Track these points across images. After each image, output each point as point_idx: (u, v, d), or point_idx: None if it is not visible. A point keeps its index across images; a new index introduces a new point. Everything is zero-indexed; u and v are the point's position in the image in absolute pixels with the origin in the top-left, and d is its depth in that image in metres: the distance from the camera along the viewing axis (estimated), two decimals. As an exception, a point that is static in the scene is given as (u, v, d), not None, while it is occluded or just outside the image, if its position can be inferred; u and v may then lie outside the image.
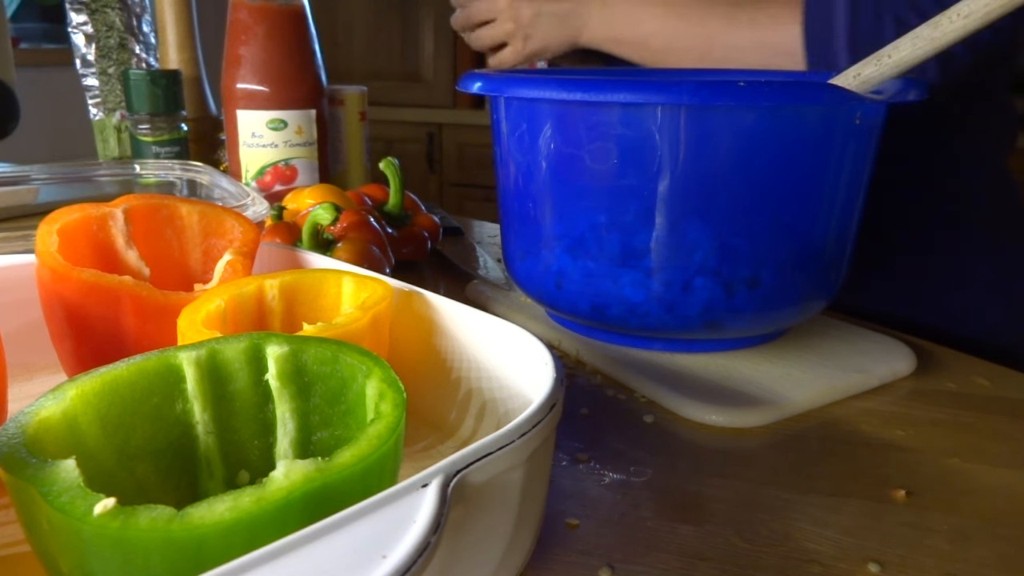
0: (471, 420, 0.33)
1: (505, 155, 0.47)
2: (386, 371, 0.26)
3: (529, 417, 0.23)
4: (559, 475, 0.34)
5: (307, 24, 0.73)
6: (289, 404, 0.27)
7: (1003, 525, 0.31)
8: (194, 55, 0.91)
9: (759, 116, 0.39)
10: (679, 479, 0.34)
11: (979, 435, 0.39)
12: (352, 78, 2.36)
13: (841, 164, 0.42)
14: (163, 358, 0.26)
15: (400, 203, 0.65)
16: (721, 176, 0.40)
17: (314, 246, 0.52)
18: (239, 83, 0.72)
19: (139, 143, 0.80)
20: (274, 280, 0.34)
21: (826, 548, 0.30)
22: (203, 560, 0.19)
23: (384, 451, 0.22)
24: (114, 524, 0.19)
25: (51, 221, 0.35)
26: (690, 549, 0.30)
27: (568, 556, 0.29)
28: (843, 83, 0.39)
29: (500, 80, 0.45)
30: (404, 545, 0.18)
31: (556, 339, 0.50)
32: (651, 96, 0.39)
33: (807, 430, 0.39)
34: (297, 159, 0.73)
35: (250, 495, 0.20)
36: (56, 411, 0.23)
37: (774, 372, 0.44)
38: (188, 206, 0.39)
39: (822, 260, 0.44)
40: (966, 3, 0.34)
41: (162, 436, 0.26)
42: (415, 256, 0.65)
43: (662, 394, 0.41)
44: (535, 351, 0.29)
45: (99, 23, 0.91)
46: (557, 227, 0.45)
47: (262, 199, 0.46)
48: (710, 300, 0.43)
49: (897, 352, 0.46)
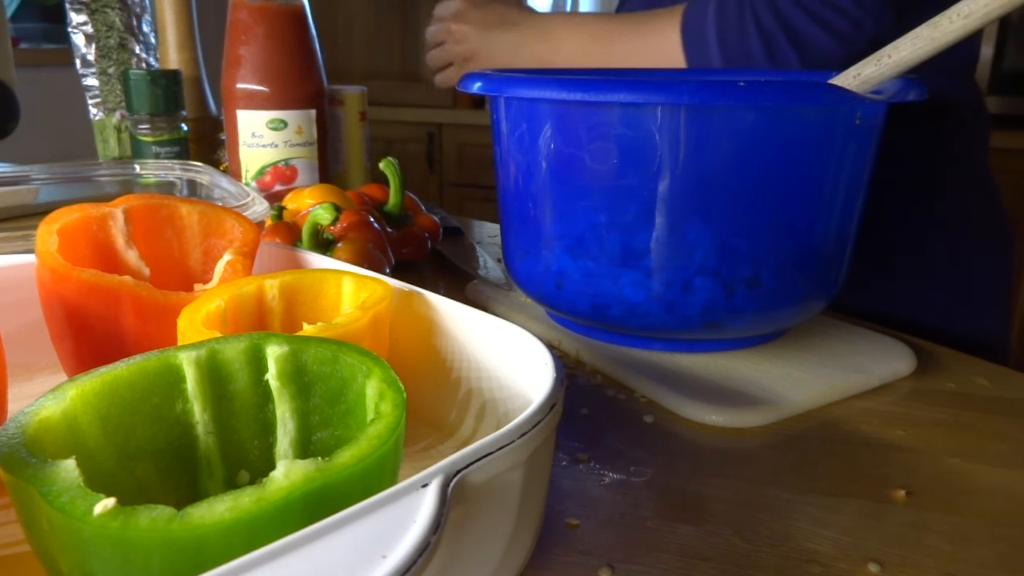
0: (471, 420, 0.33)
1: (505, 155, 0.47)
2: (386, 371, 0.26)
3: (529, 417, 0.23)
4: (559, 475, 0.34)
5: (307, 24, 0.73)
6: (289, 404, 0.27)
7: (1003, 525, 0.31)
8: (194, 55, 0.91)
9: (759, 116, 0.39)
10: (679, 479, 0.34)
11: (979, 435, 0.39)
12: (352, 78, 2.36)
13: (841, 164, 0.42)
14: (163, 358, 0.26)
15: (400, 203, 0.65)
16: (721, 176, 0.40)
17: (314, 246, 0.52)
18: (239, 83, 0.72)
19: (139, 143, 0.80)
20: (274, 280, 0.34)
21: (826, 548, 0.30)
22: (203, 560, 0.19)
23: (384, 451, 0.22)
24: (114, 524, 0.19)
25: (51, 221, 0.35)
26: (690, 549, 0.30)
27: (568, 556, 0.29)
28: (843, 83, 0.39)
29: (500, 80, 0.45)
30: (404, 545, 0.18)
31: (556, 339, 0.49)
32: (651, 96, 0.39)
33: (807, 430, 0.39)
34: (297, 159, 0.73)
35: (250, 495, 0.20)
36: (56, 411, 0.23)
37: (774, 372, 0.44)
38: (188, 206, 0.39)
39: (822, 260, 0.44)
40: (966, 3, 0.34)
41: (162, 436, 0.26)
42: (415, 256, 0.65)
43: (662, 394, 0.41)
44: (535, 351, 0.29)
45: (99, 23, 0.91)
46: (557, 227, 0.45)
47: (262, 199, 0.46)
48: (710, 300, 0.43)
49: (897, 352, 0.46)
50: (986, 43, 1.84)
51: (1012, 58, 1.86)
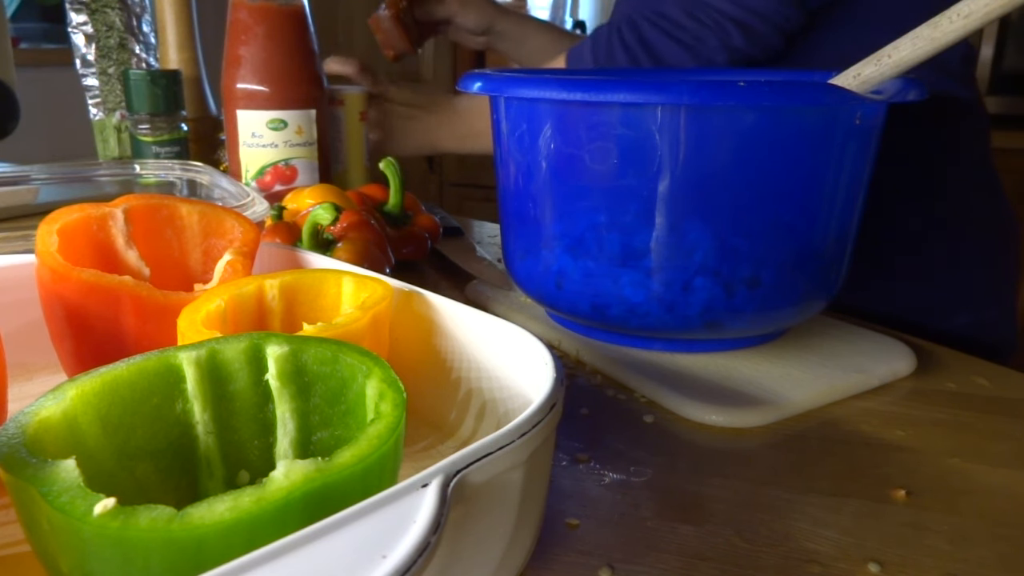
0: (471, 420, 0.33)
1: (505, 155, 0.47)
2: (386, 371, 0.26)
3: (529, 417, 0.23)
4: (559, 475, 0.34)
5: (307, 24, 0.73)
6: (289, 404, 0.27)
7: (1003, 525, 0.31)
8: (194, 55, 0.91)
9: (759, 116, 0.39)
10: (679, 479, 0.34)
11: (979, 435, 0.39)
12: (352, 78, 2.36)
13: (841, 164, 0.42)
14: (163, 358, 0.26)
15: (400, 203, 0.65)
16: (721, 176, 0.40)
17: (314, 246, 0.52)
18: (239, 83, 0.72)
19: (139, 143, 0.80)
20: (274, 280, 0.34)
21: (826, 548, 0.30)
22: (203, 560, 0.19)
23: (384, 451, 0.22)
24: (114, 524, 0.19)
25: (51, 221, 0.35)
26: (690, 549, 0.30)
27: (568, 556, 0.29)
28: (843, 83, 0.39)
29: (500, 80, 0.45)
30: (404, 545, 0.18)
31: (556, 339, 0.49)
32: (651, 96, 0.39)
33: (807, 430, 0.39)
34: (297, 159, 0.73)
35: (250, 495, 0.20)
36: (56, 411, 0.23)
37: (774, 372, 0.44)
38: (188, 206, 0.39)
39: (822, 260, 0.44)
40: (966, 3, 0.34)
41: (162, 436, 0.26)
42: (415, 256, 0.65)
43: (662, 394, 0.41)
44: (535, 351, 0.29)
45: (99, 23, 0.91)
46: (557, 227, 0.45)
47: (262, 199, 0.46)
48: (710, 300, 0.43)
49: (897, 352, 0.46)
50: (986, 43, 1.84)
51: (1012, 58, 1.86)
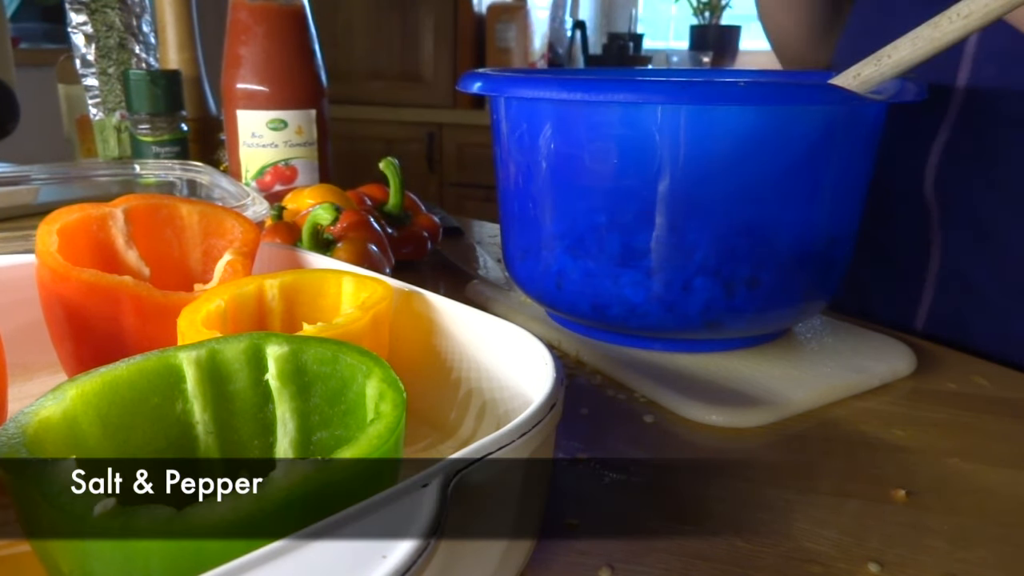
0: (471, 420, 0.33)
1: (505, 155, 0.47)
2: (386, 371, 0.26)
3: (529, 417, 0.23)
4: (559, 475, 0.34)
5: (307, 24, 0.73)
6: (289, 404, 0.27)
7: (1003, 525, 0.31)
8: (194, 55, 0.91)
9: (759, 116, 0.39)
10: (679, 479, 0.34)
11: (979, 435, 0.39)
12: (352, 78, 2.36)
13: (841, 164, 0.42)
14: (163, 358, 0.26)
15: (400, 203, 0.65)
16: (721, 176, 0.40)
17: (314, 246, 0.52)
18: (239, 83, 0.72)
19: (139, 143, 0.80)
20: (274, 280, 0.34)
21: (826, 548, 0.30)
22: (203, 560, 0.19)
23: (384, 451, 0.22)
24: (114, 524, 0.19)
25: (51, 221, 0.35)
26: (690, 549, 0.30)
27: (568, 556, 0.29)
28: (843, 83, 0.39)
29: (500, 80, 0.45)
30: (404, 545, 0.18)
31: (556, 339, 0.49)
32: (651, 96, 0.39)
33: (807, 430, 0.39)
34: (297, 159, 0.73)
35: (250, 495, 0.20)
36: (56, 411, 0.23)
37: (774, 372, 0.44)
38: (188, 206, 0.39)
39: (822, 260, 0.44)
40: (966, 3, 0.34)
41: (162, 436, 0.26)
42: (415, 256, 0.65)
43: (662, 394, 0.41)
44: (535, 351, 0.29)
45: (99, 23, 0.91)
46: (557, 227, 0.45)
47: (262, 199, 0.46)
48: (710, 300, 0.43)
49: (897, 352, 0.46)
50: None
51: None
